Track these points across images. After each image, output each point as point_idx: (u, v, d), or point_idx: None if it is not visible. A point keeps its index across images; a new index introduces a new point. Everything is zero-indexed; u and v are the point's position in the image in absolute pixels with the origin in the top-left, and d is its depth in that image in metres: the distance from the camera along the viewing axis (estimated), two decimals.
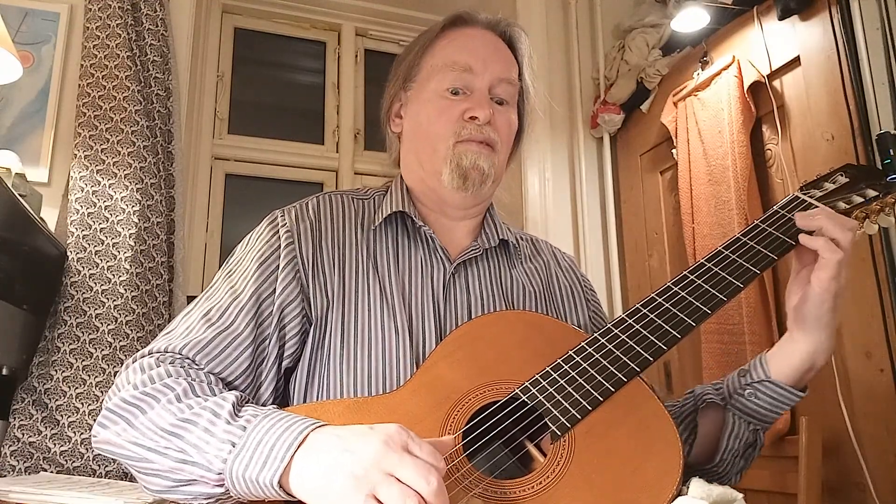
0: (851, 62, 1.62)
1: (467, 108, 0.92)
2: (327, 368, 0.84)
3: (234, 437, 0.67)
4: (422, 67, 0.97)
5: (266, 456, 0.64)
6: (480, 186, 0.94)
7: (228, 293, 0.85)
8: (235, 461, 0.65)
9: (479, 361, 0.80)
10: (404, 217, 0.96)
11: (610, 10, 2.59)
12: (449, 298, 0.91)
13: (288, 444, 0.64)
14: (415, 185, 0.99)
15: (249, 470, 0.64)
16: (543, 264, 1.04)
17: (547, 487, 0.67)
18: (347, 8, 3.02)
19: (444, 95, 0.93)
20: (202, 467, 0.67)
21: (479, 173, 0.92)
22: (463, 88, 0.94)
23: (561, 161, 2.50)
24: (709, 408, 0.91)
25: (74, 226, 1.82)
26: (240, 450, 0.66)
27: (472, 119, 0.92)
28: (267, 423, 0.67)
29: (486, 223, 1.01)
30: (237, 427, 0.67)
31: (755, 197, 1.84)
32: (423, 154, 0.96)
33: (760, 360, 0.88)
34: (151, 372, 0.74)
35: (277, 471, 0.63)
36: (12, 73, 1.73)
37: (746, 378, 0.88)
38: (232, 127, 2.81)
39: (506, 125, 0.96)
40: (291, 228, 0.90)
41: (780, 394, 0.85)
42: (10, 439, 1.62)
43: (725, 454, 0.88)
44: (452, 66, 0.93)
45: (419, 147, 0.97)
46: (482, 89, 0.94)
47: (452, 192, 0.94)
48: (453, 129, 0.92)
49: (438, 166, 0.93)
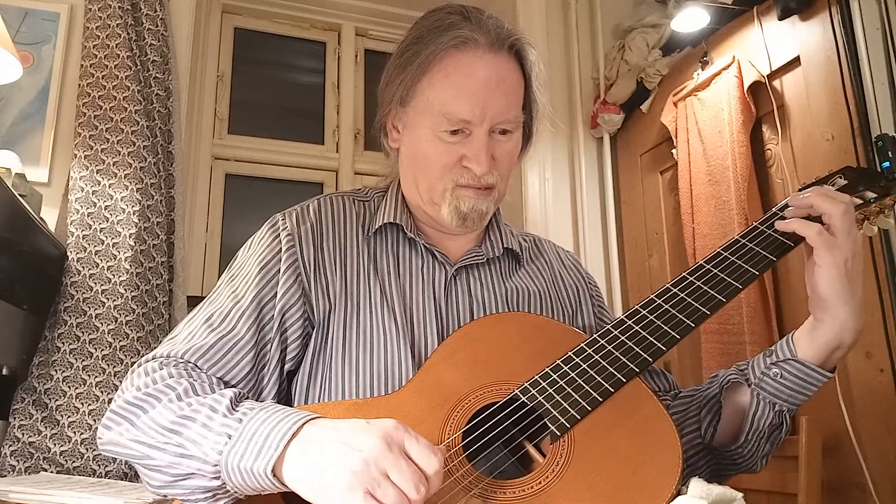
0: (851, 62, 1.62)
1: (465, 154, 0.88)
2: (329, 371, 0.84)
3: (231, 430, 0.68)
4: (417, 93, 0.89)
5: (261, 446, 0.65)
6: (480, 223, 0.93)
7: (230, 298, 0.85)
8: (231, 452, 0.66)
9: (478, 363, 0.80)
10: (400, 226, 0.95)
11: (610, 10, 2.58)
12: (450, 301, 0.91)
13: (283, 433, 0.65)
14: (412, 203, 0.96)
15: (244, 460, 0.65)
16: (547, 265, 1.03)
17: (546, 488, 0.68)
18: (347, 8, 3.02)
19: (441, 136, 0.87)
20: (199, 460, 0.68)
21: (479, 215, 0.90)
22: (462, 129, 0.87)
23: (561, 161, 2.50)
24: (733, 389, 0.88)
25: (74, 226, 1.82)
26: (235, 441, 0.67)
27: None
28: (263, 415, 0.68)
29: (491, 230, 0.99)
30: (234, 420, 0.69)
31: (755, 197, 1.84)
32: (421, 184, 0.92)
33: (787, 340, 0.86)
34: (154, 374, 0.76)
35: (271, 460, 0.64)
36: (12, 73, 1.73)
37: (772, 357, 0.85)
38: (232, 127, 2.81)
39: (507, 157, 0.92)
40: (292, 232, 0.90)
41: (807, 373, 0.83)
42: (10, 439, 1.62)
43: (750, 435, 0.85)
44: (448, 116, 0.86)
45: (417, 175, 0.93)
46: (481, 136, 0.87)
47: (451, 226, 0.92)
48: (451, 175, 0.89)
49: (437, 201, 0.91)
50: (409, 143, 0.93)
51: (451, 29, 0.88)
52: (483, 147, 0.87)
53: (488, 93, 0.86)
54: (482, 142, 0.87)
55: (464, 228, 0.92)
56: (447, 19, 0.89)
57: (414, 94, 0.89)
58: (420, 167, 0.91)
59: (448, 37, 0.87)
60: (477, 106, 0.85)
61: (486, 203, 0.90)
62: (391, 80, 0.92)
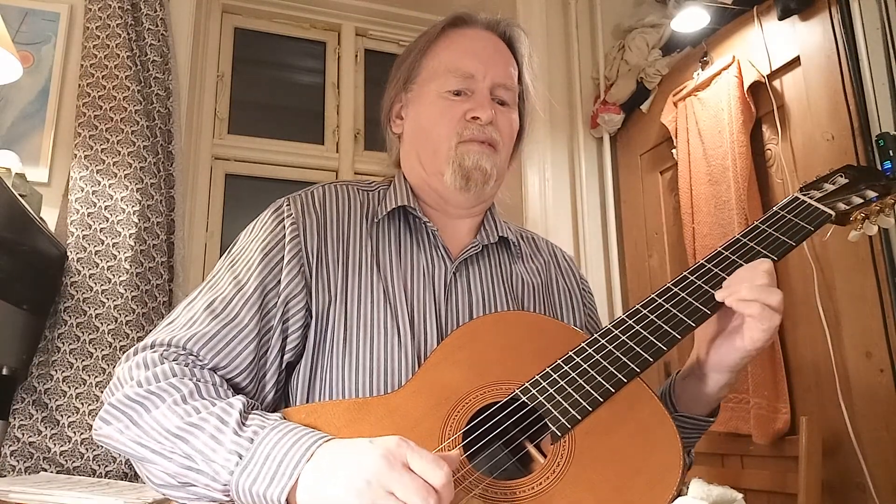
0: (851, 62, 1.62)
1: (469, 108, 0.93)
2: (330, 365, 0.84)
3: (242, 449, 0.67)
4: (422, 69, 0.97)
5: (274, 472, 0.64)
6: (483, 186, 0.94)
7: (232, 284, 0.84)
8: (242, 475, 0.65)
9: (479, 362, 0.80)
10: (407, 213, 0.96)
11: (610, 10, 2.58)
12: (451, 298, 0.91)
13: (296, 460, 0.65)
14: (416, 184, 0.99)
15: (257, 485, 0.65)
16: (543, 264, 1.04)
17: (547, 488, 0.68)
18: (347, 8, 3.01)
19: (445, 96, 0.94)
20: (208, 476, 0.67)
21: (482, 173, 0.92)
22: (465, 90, 0.94)
23: (561, 161, 2.50)
24: None
25: (74, 226, 1.82)
26: (247, 463, 0.66)
27: (475, 119, 0.93)
28: (275, 436, 0.67)
29: (487, 220, 1.01)
30: (244, 439, 0.68)
31: (755, 197, 1.83)
32: (424, 155, 0.96)
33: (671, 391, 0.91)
34: (156, 369, 0.74)
35: (286, 488, 0.64)
36: (12, 73, 1.73)
37: None
38: (232, 127, 2.81)
39: (507, 125, 0.96)
40: (297, 220, 0.89)
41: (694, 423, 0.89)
42: (10, 439, 1.62)
43: None
44: (454, 71, 0.94)
45: (420, 148, 0.97)
46: (483, 91, 0.94)
47: (455, 193, 0.94)
48: (455, 129, 0.92)
49: (441, 166, 0.93)
50: (413, 117, 0.98)
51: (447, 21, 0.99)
52: (486, 97, 0.94)
53: (488, 55, 0.96)
54: (485, 94, 0.94)
55: (467, 192, 0.93)
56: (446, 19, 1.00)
57: (419, 71, 0.98)
58: (425, 133, 0.95)
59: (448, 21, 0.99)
60: (480, 63, 0.94)
61: (489, 160, 0.93)
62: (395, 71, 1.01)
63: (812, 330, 1.64)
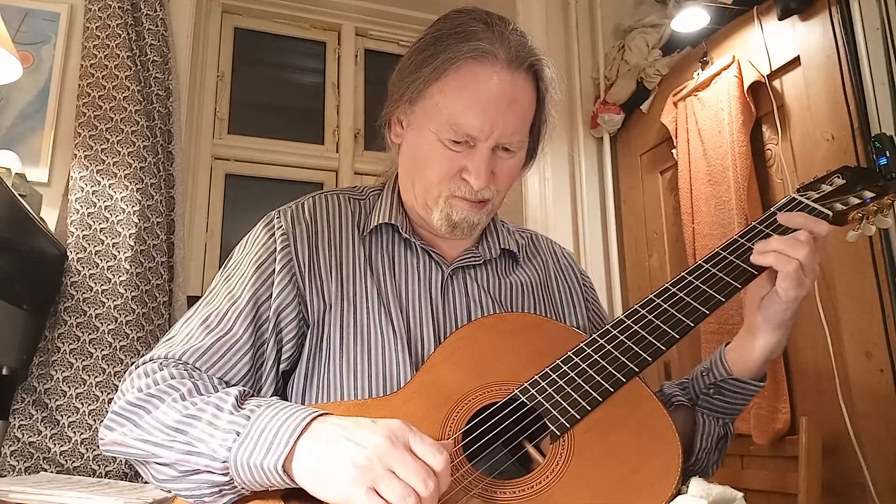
0: (851, 62, 1.62)
1: (464, 167, 0.87)
2: (326, 372, 0.84)
3: (239, 427, 0.68)
4: (425, 97, 0.87)
5: (270, 442, 0.66)
6: (471, 232, 0.93)
7: (226, 298, 0.85)
8: (240, 448, 0.67)
9: (478, 363, 0.80)
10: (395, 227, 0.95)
11: (610, 10, 2.58)
12: (447, 301, 0.91)
13: (291, 429, 0.66)
14: (408, 205, 0.96)
15: (254, 456, 0.66)
16: (542, 263, 1.03)
17: (546, 488, 0.68)
18: (347, 8, 3.02)
19: (444, 143, 0.86)
20: (207, 457, 0.68)
21: (469, 225, 0.90)
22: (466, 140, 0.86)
23: (561, 161, 2.50)
24: (678, 408, 0.93)
25: (74, 226, 1.82)
26: (244, 437, 0.67)
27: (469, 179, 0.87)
28: (270, 411, 0.69)
29: (489, 231, 0.99)
30: (241, 417, 0.69)
31: (755, 197, 1.84)
32: (417, 185, 0.92)
33: (721, 357, 0.91)
34: (155, 375, 0.76)
35: (281, 455, 0.65)
36: (12, 73, 1.73)
37: (709, 377, 0.91)
38: (232, 127, 2.82)
39: (507, 174, 0.90)
40: (287, 231, 0.90)
41: (745, 388, 0.90)
42: (10, 439, 1.62)
43: (700, 453, 0.91)
44: (455, 126, 0.84)
45: (415, 177, 0.92)
46: (484, 152, 0.86)
47: (440, 233, 0.92)
48: (448, 185, 0.88)
49: (430, 205, 0.90)
50: (411, 142, 0.92)
51: (471, 38, 0.85)
52: (484, 163, 0.86)
53: (498, 112, 0.84)
54: (484, 157, 0.86)
55: (453, 236, 0.93)
56: (470, 25, 0.86)
57: (424, 96, 0.87)
58: (419, 169, 0.91)
59: (467, 46, 0.84)
60: (486, 123, 0.84)
61: (478, 215, 0.90)
62: (403, 77, 0.90)
63: (812, 330, 1.64)
